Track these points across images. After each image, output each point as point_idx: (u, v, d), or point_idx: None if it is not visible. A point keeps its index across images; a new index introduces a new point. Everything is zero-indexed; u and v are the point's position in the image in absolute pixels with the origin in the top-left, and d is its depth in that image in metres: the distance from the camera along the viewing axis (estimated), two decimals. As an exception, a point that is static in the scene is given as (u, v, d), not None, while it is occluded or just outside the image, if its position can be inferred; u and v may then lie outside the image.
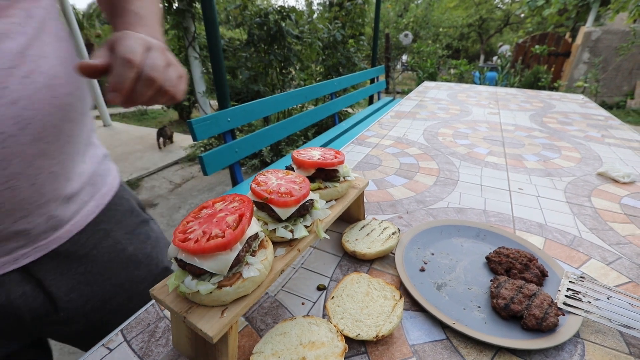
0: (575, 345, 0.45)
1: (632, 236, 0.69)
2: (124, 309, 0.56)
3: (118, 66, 0.35)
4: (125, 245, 0.56)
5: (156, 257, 0.62)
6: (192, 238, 0.35)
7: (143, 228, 0.61)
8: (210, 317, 0.35)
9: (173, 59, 0.42)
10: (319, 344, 0.40)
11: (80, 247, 0.49)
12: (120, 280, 0.56)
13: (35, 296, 0.46)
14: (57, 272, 0.47)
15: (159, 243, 0.63)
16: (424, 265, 0.57)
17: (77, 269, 0.49)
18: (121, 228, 0.56)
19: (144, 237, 0.60)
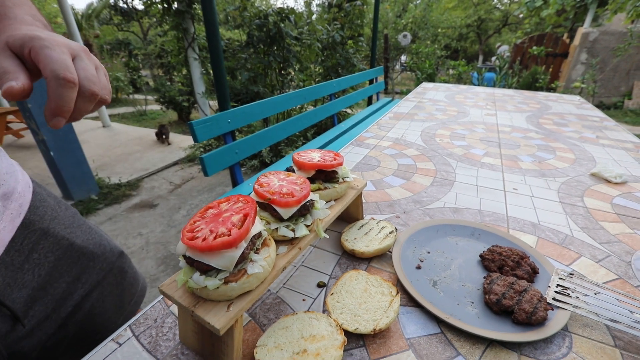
0: (563, 338, 0.47)
1: (622, 235, 0.71)
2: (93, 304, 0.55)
3: (56, 87, 0.32)
4: (71, 239, 0.53)
5: (107, 244, 0.60)
6: (200, 236, 0.37)
7: (80, 219, 0.57)
8: (217, 311, 0.37)
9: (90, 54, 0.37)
10: (319, 337, 0.43)
11: (17, 255, 0.45)
12: (77, 275, 0.53)
13: None
14: (5, 285, 0.43)
15: (99, 230, 0.61)
16: (420, 263, 0.59)
17: (24, 277, 0.46)
18: (59, 223, 0.52)
19: (86, 227, 0.57)
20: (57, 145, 2.66)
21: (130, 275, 0.66)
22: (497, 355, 0.44)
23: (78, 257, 0.54)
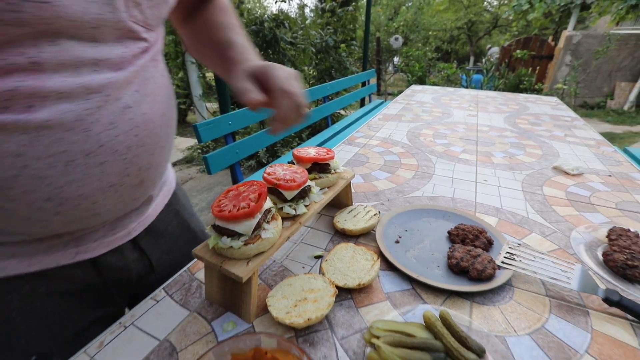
0: (507, 290, 0.60)
1: (569, 216, 0.85)
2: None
3: (285, 99, 0.45)
4: (189, 223, 0.72)
5: (205, 234, 0.78)
6: (226, 210, 0.49)
7: (194, 215, 0.77)
8: (239, 266, 0.49)
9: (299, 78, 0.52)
10: (316, 290, 0.55)
11: (161, 224, 0.64)
12: (187, 251, 0.61)
13: (140, 260, 0.61)
14: (151, 244, 0.62)
15: (204, 228, 0.78)
16: (398, 239, 0.72)
17: (161, 242, 0.65)
18: (185, 210, 0.72)
19: (197, 218, 0.77)
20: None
21: None
22: (454, 303, 0.57)
23: (190, 238, 0.72)
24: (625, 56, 6.11)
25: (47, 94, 0.34)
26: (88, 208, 0.43)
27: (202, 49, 0.64)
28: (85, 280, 0.52)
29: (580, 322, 0.54)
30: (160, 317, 0.55)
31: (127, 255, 0.57)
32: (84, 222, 0.45)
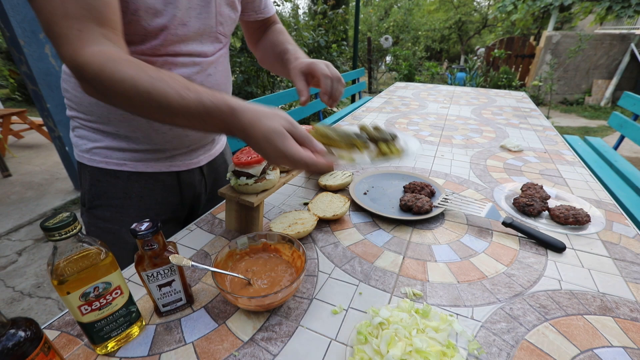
0: (440, 221, 0.85)
1: (501, 178, 1.10)
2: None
3: (334, 83, 0.72)
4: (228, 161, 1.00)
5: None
6: (242, 159, 0.73)
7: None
8: (251, 197, 0.73)
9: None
10: (304, 219, 0.79)
11: (215, 163, 0.92)
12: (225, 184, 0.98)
13: (201, 182, 0.89)
14: (209, 174, 0.91)
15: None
16: (366, 192, 0.97)
17: (214, 174, 0.93)
18: (229, 158, 1.01)
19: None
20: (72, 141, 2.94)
21: None
22: (401, 229, 0.82)
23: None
24: (602, 55, 6.47)
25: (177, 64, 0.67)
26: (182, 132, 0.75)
27: (269, 61, 0.91)
28: (171, 184, 0.82)
29: (485, 238, 0.79)
30: (195, 239, 0.79)
31: (194, 175, 0.86)
32: (177, 141, 0.76)
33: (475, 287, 0.64)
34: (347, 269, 0.68)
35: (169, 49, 0.64)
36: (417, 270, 0.68)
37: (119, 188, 0.75)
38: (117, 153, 0.73)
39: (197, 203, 0.91)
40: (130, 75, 0.46)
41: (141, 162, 0.75)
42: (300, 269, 0.59)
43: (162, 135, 0.73)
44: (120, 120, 0.69)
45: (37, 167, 3.54)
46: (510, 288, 0.63)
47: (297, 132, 0.50)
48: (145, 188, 0.77)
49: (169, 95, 0.47)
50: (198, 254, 0.73)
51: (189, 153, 0.82)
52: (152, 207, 0.80)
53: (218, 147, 0.93)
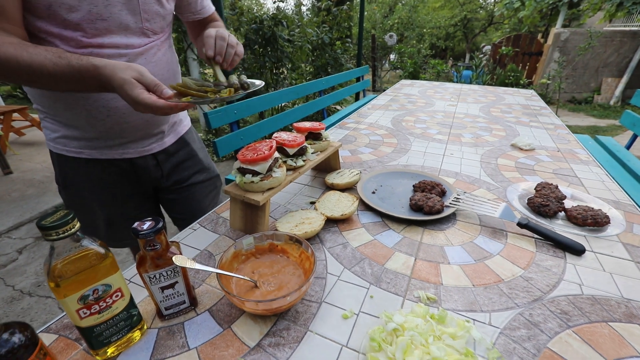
0: (452, 222, 0.82)
1: (513, 178, 1.07)
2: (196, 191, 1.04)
3: (218, 41, 0.75)
4: (197, 153, 1.02)
5: (213, 168, 1.09)
6: (248, 156, 0.70)
7: (205, 150, 1.08)
8: (257, 196, 0.70)
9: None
10: (311, 218, 0.77)
11: (172, 149, 0.95)
12: (191, 174, 1.01)
13: (156, 167, 0.92)
14: (164, 160, 0.94)
15: (212, 162, 1.10)
16: (374, 190, 0.94)
17: (171, 161, 0.96)
18: (195, 144, 1.04)
19: (206, 153, 1.08)
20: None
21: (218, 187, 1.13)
22: (411, 229, 0.79)
23: (196, 165, 1.03)
24: (611, 52, 6.36)
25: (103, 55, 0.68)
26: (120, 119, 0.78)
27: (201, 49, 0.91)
28: (126, 168, 0.88)
29: (500, 239, 0.76)
30: (199, 238, 0.76)
31: (148, 161, 0.90)
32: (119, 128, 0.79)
33: (491, 291, 0.61)
34: (356, 271, 0.65)
35: (92, 41, 0.68)
36: (430, 272, 0.65)
37: (82, 173, 0.85)
38: (73, 142, 0.81)
39: (158, 184, 0.97)
40: (12, 54, 0.55)
41: (95, 150, 0.82)
42: (308, 271, 0.57)
43: (102, 123, 0.77)
44: (64, 109, 0.75)
45: (38, 164, 3.54)
46: (528, 292, 0.60)
47: (146, 81, 0.59)
48: (104, 172, 0.86)
49: (46, 65, 0.57)
50: (202, 255, 0.70)
51: (139, 141, 0.86)
52: (116, 186, 0.89)
53: (171, 136, 0.95)
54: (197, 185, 1.03)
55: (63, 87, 0.62)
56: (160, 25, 0.79)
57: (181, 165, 0.99)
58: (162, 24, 0.80)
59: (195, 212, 1.01)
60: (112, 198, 0.90)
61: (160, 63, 0.81)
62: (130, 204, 0.94)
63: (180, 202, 1.03)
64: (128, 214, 0.94)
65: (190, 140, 1.02)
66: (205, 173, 1.06)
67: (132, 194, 0.93)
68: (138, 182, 0.92)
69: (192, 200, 1.04)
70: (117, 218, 0.93)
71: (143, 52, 0.76)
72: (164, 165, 0.94)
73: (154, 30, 0.78)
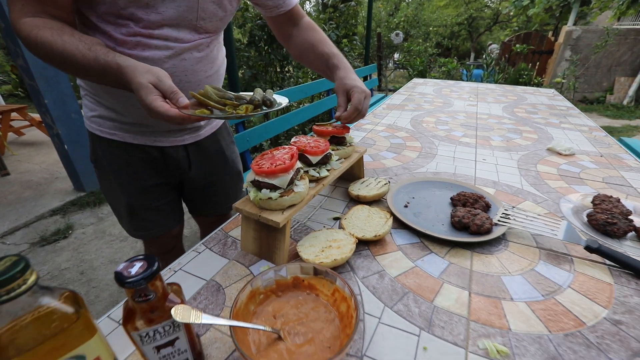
0: (502, 243, 0.69)
1: (560, 188, 0.94)
2: (218, 184, 1.03)
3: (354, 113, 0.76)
4: (224, 149, 1.01)
5: (237, 162, 1.08)
6: (265, 167, 0.58)
7: (232, 145, 1.07)
8: (276, 215, 0.58)
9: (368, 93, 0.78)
10: (339, 240, 0.64)
11: (205, 143, 0.94)
12: (218, 168, 1.01)
13: (186, 158, 0.91)
14: (194, 152, 0.92)
15: (238, 156, 1.10)
16: (407, 204, 0.81)
17: (202, 154, 0.94)
18: (224, 140, 1.01)
19: (232, 150, 1.06)
20: (71, 139, 2.81)
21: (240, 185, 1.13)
22: (457, 252, 0.66)
23: (223, 160, 1.01)
24: (625, 51, 6.18)
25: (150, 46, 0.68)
26: None
27: (309, 59, 0.94)
28: (156, 156, 0.86)
29: (565, 266, 0.63)
30: (204, 264, 0.64)
31: (179, 152, 0.89)
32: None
33: (574, 340, 0.48)
34: (400, 311, 0.53)
35: (142, 31, 0.66)
36: (492, 312, 0.52)
37: (111, 154, 0.84)
38: (108, 122, 0.81)
39: (184, 175, 0.95)
40: (47, 40, 0.57)
41: (129, 134, 0.82)
42: (346, 316, 0.44)
43: (139, 110, 0.75)
44: (104, 90, 0.75)
45: (36, 165, 3.44)
46: (623, 343, 0.47)
47: (163, 87, 0.56)
48: (133, 157, 0.85)
49: (75, 55, 0.57)
50: (208, 287, 0.58)
51: (174, 132, 0.85)
52: (143, 173, 0.87)
53: (207, 129, 0.94)
54: (219, 181, 1.03)
55: (92, 78, 0.66)
56: (216, 26, 0.78)
57: (209, 160, 0.97)
58: (218, 24, 0.78)
59: (216, 207, 1.07)
60: (136, 185, 0.88)
61: (206, 60, 0.79)
62: (153, 193, 0.91)
63: (202, 197, 1.04)
64: (149, 205, 0.92)
65: (221, 135, 1.00)
66: (229, 169, 1.05)
67: (157, 184, 0.91)
68: (165, 171, 0.91)
69: (213, 196, 1.05)
70: (139, 206, 0.91)
71: (191, 48, 0.74)
72: (193, 157, 0.92)
73: (207, 30, 0.76)
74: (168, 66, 0.72)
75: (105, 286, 1.81)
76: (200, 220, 1.19)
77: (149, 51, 0.69)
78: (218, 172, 1.02)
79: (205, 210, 1.09)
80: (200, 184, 0.99)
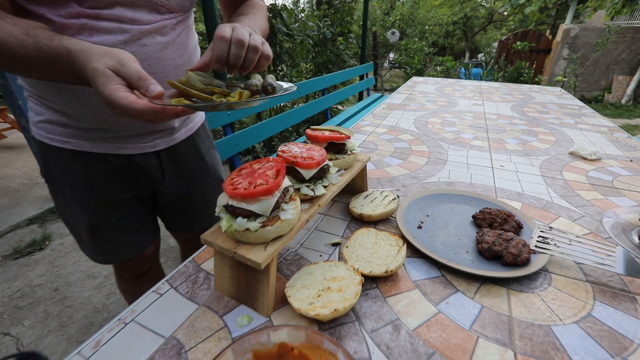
0: (544, 276, 0.55)
1: (595, 200, 0.81)
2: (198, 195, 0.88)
3: (234, 49, 0.50)
4: (203, 155, 0.86)
5: (218, 170, 0.94)
6: (241, 187, 0.43)
7: (213, 150, 0.92)
8: (256, 251, 0.43)
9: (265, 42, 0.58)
10: (340, 278, 0.50)
11: (180, 148, 0.79)
12: (196, 176, 0.86)
13: (158, 167, 0.76)
14: (168, 160, 0.77)
15: (219, 163, 0.95)
16: (420, 224, 0.67)
17: (177, 161, 0.80)
18: (203, 145, 0.86)
19: (213, 156, 0.91)
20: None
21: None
22: (489, 290, 0.52)
23: (202, 167, 0.87)
24: (623, 49, 6.12)
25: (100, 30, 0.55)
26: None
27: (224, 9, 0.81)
28: (121, 167, 0.72)
29: (629, 309, 0.49)
30: (165, 312, 0.49)
31: (150, 159, 0.74)
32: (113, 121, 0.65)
33: None
34: (426, 387, 0.38)
35: (87, 11, 0.53)
36: (550, 386, 0.38)
37: (65, 166, 0.70)
38: (59, 128, 0.66)
39: (157, 187, 0.81)
40: None
41: (85, 141, 0.67)
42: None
43: (94, 113, 0.63)
44: (50, 90, 0.62)
45: (16, 170, 3.24)
46: None
47: (127, 72, 0.44)
48: (93, 168, 0.70)
49: (10, 44, 0.44)
50: (165, 349, 0.43)
51: (142, 136, 0.71)
52: (106, 187, 0.73)
53: (183, 131, 0.80)
54: (199, 192, 0.89)
55: (33, 73, 0.52)
56: (180, 4, 0.64)
57: (186, 168, 0.84)
58: (184, 2, 0.65)
59: (196, 222, 0.93)
60: (98, 201, 0.74)
61: (173, 46, 0.65)
62: (119, 210, 0.77)
63: (179, 211, 0.90)
64: (115, 223, 0.77)
65: (199, 138, 0.86)
66: (210, 178, 0.91)
67: (125, 199, 0.77)
68: (134, 184, 0.76)
69: (191, 210, 0.91)
70: (103, 227, 0.77)
71: (152, 31, 0.60)
72: (167, 166, 0.79)
73: (171, 8, 0.63)
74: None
75: (80, 305, 1.65)
76: (178, 237, 1.04)
77: (99, 36, 0.55)
78: (197, 181, 0.88)
79: (184, 226, 0.94)
80: (176, 196, 0.85)
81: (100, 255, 0.82)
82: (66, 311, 1.62)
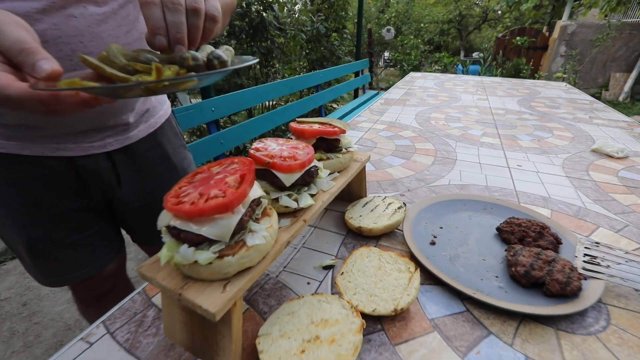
0: (599, 310, 0.42)
1: (635, 205, 0.68)
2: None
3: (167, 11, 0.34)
4: (170, 155, 0.73)
5: (190, 172, 0.76)
6: (187, 201, 0.30)
7: (183, 150, 0.78)
8: (211, 293, 0.30)
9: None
10: (333, 322, 0.36)
11: (140, 148, 0.66)
12: (162, 181, 0.72)
13: (111, 170, 0.63)
14: (124, 162, 0.64)
15: (191, 164, 0.80)
16: (433, 239, 0.54)
17: (136, 163, 0.66)
18: (169, 143, 0.73)
19: (183, 156, 0.77)
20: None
21: None
22: (532, 331, 0.39)
23: (169, 170, 0.73)
24: (620, 46, 6.06)
25: None
26: None
27: None
28: (62, 172, 0.58)
29: None
30: (94, 369, 0.36)
31: (100, 162, 0.61)
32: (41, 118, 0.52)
33: None
34: None
35: None
36: None
37: None
38: None
39: (113, 195, 0.67)
40: None
41: (13, 142, 0.54)
42: None
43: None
44: None
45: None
46: None
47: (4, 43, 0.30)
48: (26, 174, 0.57)
49: None
50: None
51: (87, 134, 0.58)
52: (47, 195, 0.59)
53: (142, 128, 0.66)
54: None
55: None
56: None
57: (148, 171, 0.70)
58: None
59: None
60: (38, 213, 0.60)
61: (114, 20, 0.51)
62: (67, 223, 0.63)
63: (143, 221, 0.75)
64: (63, 239, 0.63)
65: (164, 135, 0.73)
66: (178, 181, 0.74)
67: (72, 209, 0.63)
68: (82, 192, 0.63)
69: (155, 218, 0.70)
70: (45, 244, 0.62)
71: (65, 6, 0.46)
72: (123, 169, 0.65)
73: None
74: (44, 26, 0.45)
75: (49, 322, 1.49)
76: (147, 250, 0.90)
77: (5, 2, 0.42)
78: (163, 186, 0.73)
79: (151, 238, 0.80)
80: (138, 205, 0.71)
81: (47, 277, 0.68)
82: (34, 329, 1.46)
